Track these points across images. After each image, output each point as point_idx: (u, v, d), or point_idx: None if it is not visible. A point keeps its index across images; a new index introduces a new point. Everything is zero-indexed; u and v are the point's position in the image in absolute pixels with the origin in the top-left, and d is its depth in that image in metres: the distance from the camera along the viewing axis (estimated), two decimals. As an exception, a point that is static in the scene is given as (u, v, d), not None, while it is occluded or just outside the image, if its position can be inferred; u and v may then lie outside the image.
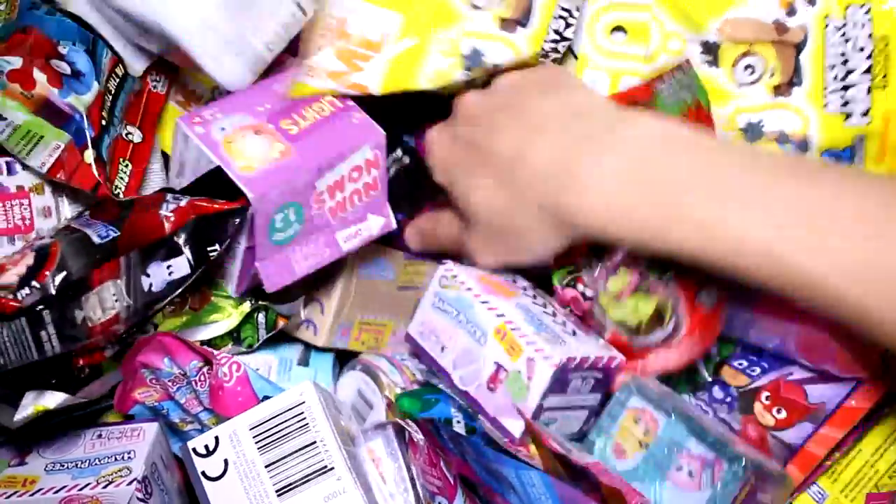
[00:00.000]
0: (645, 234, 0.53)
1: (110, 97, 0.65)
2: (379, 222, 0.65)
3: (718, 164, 0.52)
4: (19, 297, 0.54)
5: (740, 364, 0.66)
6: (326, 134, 0.61)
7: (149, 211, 0.60)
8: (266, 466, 0.56)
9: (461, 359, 0.62)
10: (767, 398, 0.64)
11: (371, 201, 0.64)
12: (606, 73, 0.68)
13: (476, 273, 0.63)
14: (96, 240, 0.57)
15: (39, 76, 0.63)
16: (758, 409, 0.65)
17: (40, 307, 0.54)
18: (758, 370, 0.66)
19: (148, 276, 0.58)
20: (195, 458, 0.57)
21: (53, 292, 0.55)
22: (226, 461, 0.56)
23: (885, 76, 0.63)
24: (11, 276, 0.55)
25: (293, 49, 0.65)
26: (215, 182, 0.60)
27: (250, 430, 0.57)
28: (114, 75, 0.66)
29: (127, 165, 0.67)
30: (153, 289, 0.58)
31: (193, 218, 0.59)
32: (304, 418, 0.57)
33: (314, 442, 0.56)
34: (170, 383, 0.63)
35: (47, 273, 0.55)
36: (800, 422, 0.64)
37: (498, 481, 0.55)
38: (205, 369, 0.62)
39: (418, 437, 0.59)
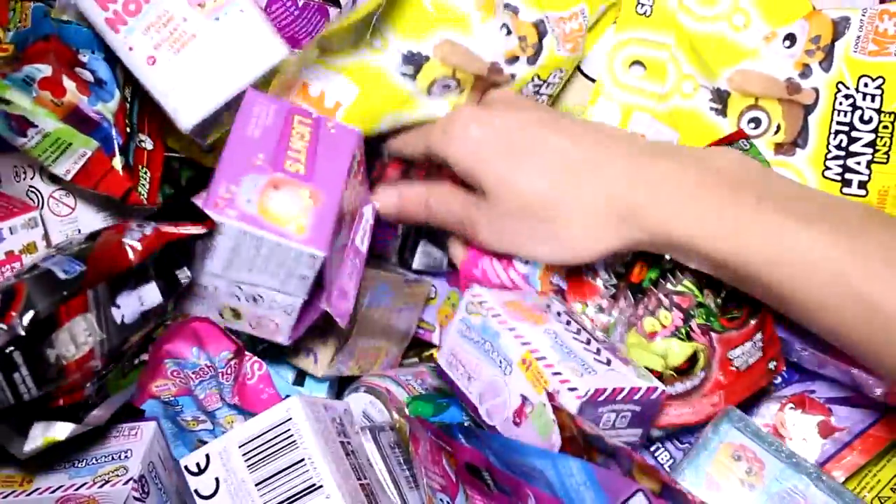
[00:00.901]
0: (712, 242, 0.53)
1: (128, 105, 0.66)
2: (369, 210, 0.65)
3: (791, 188, 0.55)
4: None
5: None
6: (325, 158, 0.60)
7: (113, 241, 0.58)
8: (256, 485, 0.56)
9: (487, 391, 0.59)
10: (792, 410, 0.64)
11: (363, 195, 0.64)
12: (619, 105, 0.68)
13: (503, 298, 0.61)
14: (61, 275, 0.54)
15: (69, 84, 0.63)
16: (780, 420, 0.64)
17: (10, 349, 0.52)
18: (779, 379, 0.65)
19: (118, 307, 0.56)
20: (188, 476, 0.57)
21: (22, 333, 0.52)
22: (217, 480, 0.56)
23: (887, 152, 0.63)
24: None
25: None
26: (178, 204, 0.59)
27: (240, 447, 0.56)
28: (128, 83, 0.66)
29: (146, 173, 0.67)
30: (125, 320, 0.57)
31: (160, 245, 0.57)
32: (292, 435, 0.56)
33: (302, 459, 0.56)
34: (193, 375, 0.63)
35: (13, 314, 0.52)
36: (822, 440, 0.63)
37: (522, 473, 0.52)
38: (233, 362, 0.62)
39: (422, 433, 0.58)
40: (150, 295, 0.57)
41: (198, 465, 0.57)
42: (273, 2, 0.62)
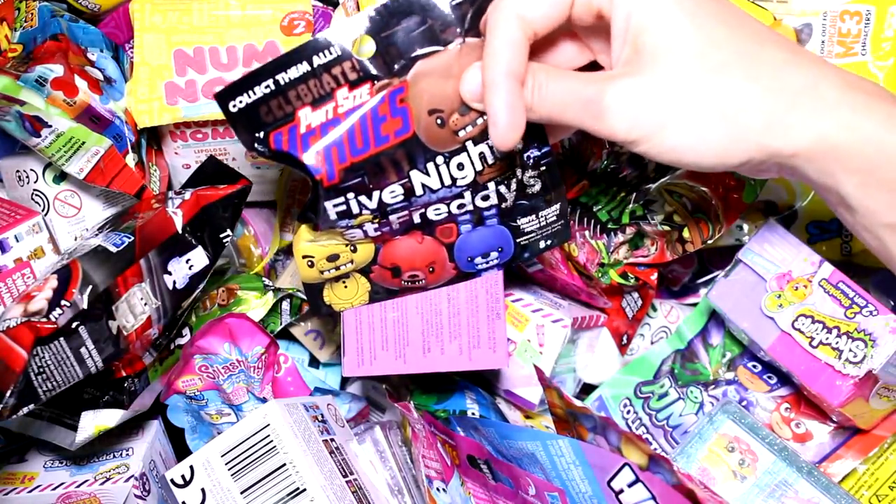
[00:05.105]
0: None
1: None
2: None
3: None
4: (52, 318, 0.53)
5: (755, 367, 0.65)
6: None
7: (156, 210, 0.60)
8: (241, 493, 0.56)
9: None
10: (787, 410, 0.63)
11: None
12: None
13: None
14: (112, 249, 0.56)
15: (81, 83, 0.64)
16: (775, 420, 0.63)
17: (75, 323, 0.54)
18: (775, 378, 0.64)
19: (170, 273, 0.58)
20: (174, 489, 0.57)
21: (85, 306, 0.54)
22: (203, 490, 0.56)
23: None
24: (40, 302, 0.54)
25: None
26: (212, 170, 0.61)
27: (222, 457, 0.57)
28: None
29: (155, 171, 0.69)
30: (177, 286, 0.59)
31: (201, 209, 0.59)
32: (271, 441, 0.56)
33: (284, 465, 0.56)
34: (222, 370, 0.64)
35: (74, 290, 0.54)
36: (818, 439, 0.62)
37: (518, 460, 0.54)
38: (264, 356, 0.63)
39: (418, 426, 0.59)
40: (198, 259, 0.60)
41: (183, 476, 0.57)
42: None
